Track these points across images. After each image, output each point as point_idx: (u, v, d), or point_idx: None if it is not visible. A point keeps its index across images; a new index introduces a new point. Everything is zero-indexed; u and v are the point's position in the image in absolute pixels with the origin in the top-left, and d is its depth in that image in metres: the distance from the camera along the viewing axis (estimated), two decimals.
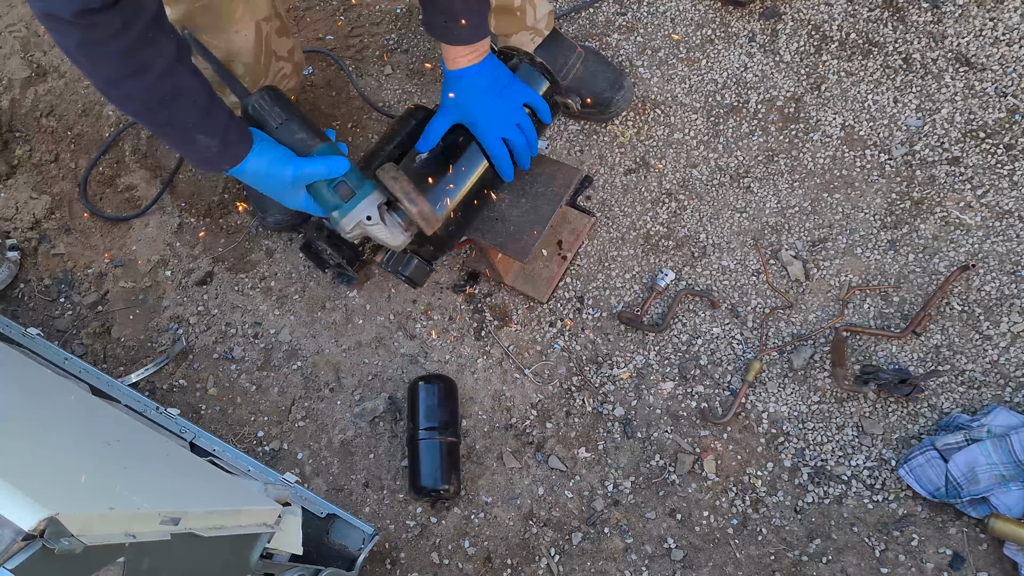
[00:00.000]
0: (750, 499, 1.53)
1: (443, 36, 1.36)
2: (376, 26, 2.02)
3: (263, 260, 1.83)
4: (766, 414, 1.58)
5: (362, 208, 1.27)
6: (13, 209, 1.91)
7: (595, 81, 1.77)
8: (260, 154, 1.26)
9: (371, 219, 1.27)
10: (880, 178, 1.72)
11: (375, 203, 1.28)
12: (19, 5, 2.13)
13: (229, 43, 1.47)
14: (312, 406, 1.70)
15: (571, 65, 1.76)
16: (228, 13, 1.42)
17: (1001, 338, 1.56)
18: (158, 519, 0.94)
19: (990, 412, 1.47)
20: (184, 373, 1.75)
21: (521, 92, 1.42)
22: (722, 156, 1.78)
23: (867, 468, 1.52)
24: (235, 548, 1.15)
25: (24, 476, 0.81)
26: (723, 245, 1.71)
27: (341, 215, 1.27)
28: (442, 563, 1.55)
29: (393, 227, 1.29)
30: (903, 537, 1.47)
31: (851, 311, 1.63)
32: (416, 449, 1.56)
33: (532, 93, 1.44)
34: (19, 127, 2.01)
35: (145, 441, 1.33)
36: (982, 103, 1.73)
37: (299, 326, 1.76)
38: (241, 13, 1.44)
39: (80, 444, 1.09)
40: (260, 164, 1.26)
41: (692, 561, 1.51)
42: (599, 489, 1.57)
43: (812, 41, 1.84)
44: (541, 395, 1.65)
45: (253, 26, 1.47)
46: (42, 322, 1.81)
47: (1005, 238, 1.63)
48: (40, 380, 1.37)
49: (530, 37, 1.70)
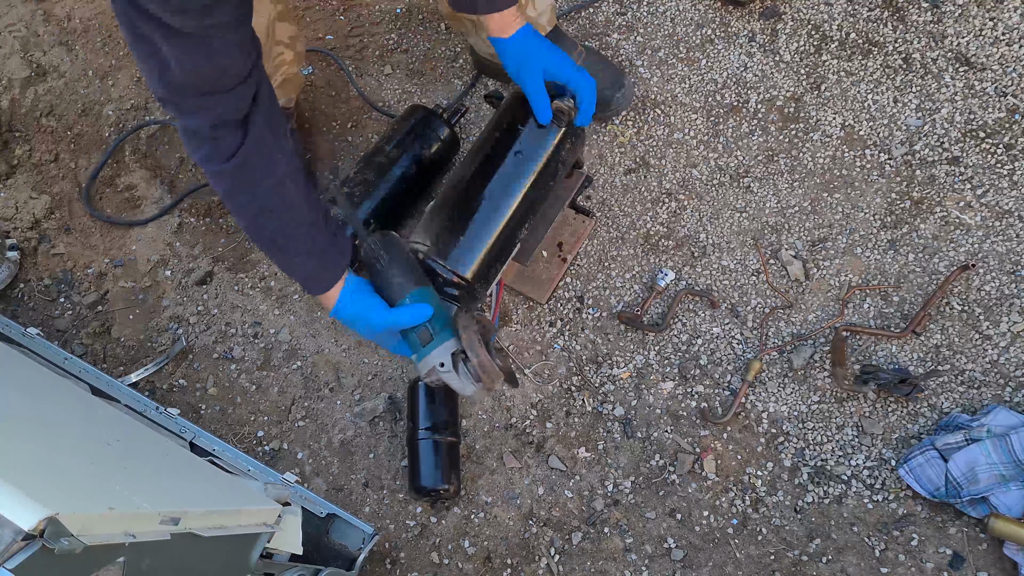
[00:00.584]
0: (750, 499, 1.53)
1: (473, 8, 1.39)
2: (376, 26, 2.02)
3: (263, 260, 1.83)
4: (766, 414, 1.58)
5: (436, 355, 1.27)
6: (13, 209, 1.91)
7: (596, 79, 1.77)
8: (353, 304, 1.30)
9: (444, 366, 1.27)
10: (880, 178, 1.72)
11: (449, 351, 1.28)
12: (19, 5, 2.13)
13: None
14: (312, 406, 1.70)
15: None
16: None
17: (1001, 338, 1.56)
18: (158, 519, 0.94)
19: (990, 412, 1.47)
20: (184, 373, 1.75)
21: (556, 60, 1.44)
22: (722, 156, 1.78)
23: (867, 468, 1.52)
24: (235, 548, 1.15)
25: (24, 476, 0.81)
26: (723, 245, 1.71)
27: (418, 360, 1.28)
28: (442, 563, 1.55)
29: (464, 377, 1.28)
30: (903, 537, 1.47)
31: (851, 311, 1.63)
32: (416, 449, 1.56)
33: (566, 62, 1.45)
34: (19, 127, 2.01)
35: (145, 441, 1.33)
36: (982, 103, 1.73)
37: (299, 326, 1.76)
38: None
39: (80, 444, 1.09)
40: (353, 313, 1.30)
41: (692, 561, 1.51)
42: (599, 489, 1.57)
43: (812, 41, 1.84)
44: (541, 395, 1.65)
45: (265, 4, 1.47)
46: (42, 322, 1.81)
47: (1005, 238, 1.63)
48: (40, 380, 1.37)
49: None
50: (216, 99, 1.08)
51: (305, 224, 1.23)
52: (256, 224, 1.22)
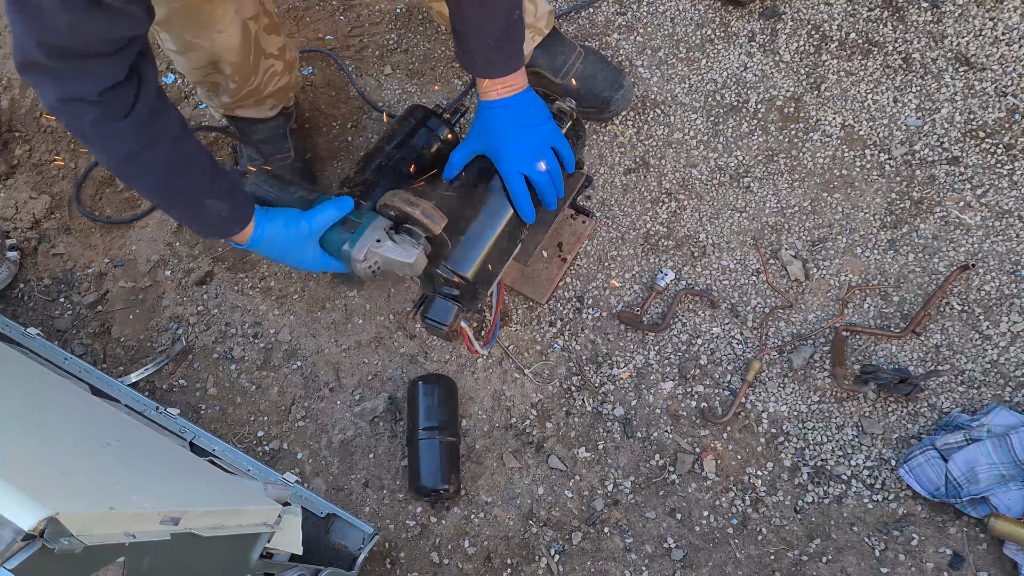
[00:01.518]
0: (750, 499, 1.53)
1: (472, 69, 1.37)
2: (376, 26, 2.02)
3: (263, 260, 1.83)
4: (766, 414, 1.58)
5: (369, 234, 1.28)
6: (13, 209, 1.91)
7: (594, 80, 1.77)
8: (272, 218, 1.29)
9: (380, 241, 1.28)
10: (880, 178, 1.72)
11: (380, 227, 1.29)
12: None
13: (213, 43, 1.46)
14: (312, 406, 1.70)
15: (571, 64, 1.76)
16: (208, 13, 1.42)
17: (1001, 338, 1.56)
18: (158, 519, 0.94)
19: (990, 412, 1.47)
20: (184, 373, 1.75)
21: (551, 133, 1.40)
22: (722, 156, 1.78)
23: (867, 468, 1.52)
24: (235, 548, 1.15)
25: (24, 476, 0.81)
26: (723, 245, 1.71)
27: (351, 246, 1.28)
28: (442, 563, 1.55)
29: (404, 243, 1.29)
30: (903, 537, 1.47)
31: (851, 311, 1.63)
32: (416, 449, 1.56)
33: (562, 138, 1.42)
34: (19, 127, 2.01)
35: (145, 441, 1.33)
36: (982, 103, 1.73)
37: (299, 326, 1.76)
38: (223, 12, 1.43)
39: (80, 444, 1.09)
40: (276, 227, 1.29)
41: (692, 561, 1.51)
42: (599, 489, 1.57)
43: (812, 41, 1.84)
44: (541, 395, 1.65)
45: (239, 25, 1.46)
46: (42, 322, 1.81)
47: (1005, 238, 1.63)
48: (40, 380, 1.37)
49: (530, 35, 1.70)
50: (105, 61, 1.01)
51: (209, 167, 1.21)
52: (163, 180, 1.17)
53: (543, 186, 1.41)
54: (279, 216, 1.30)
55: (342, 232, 1.29)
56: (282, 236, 1.30)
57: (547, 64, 1.75)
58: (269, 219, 1.29)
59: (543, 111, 1.40)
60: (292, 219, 1.30)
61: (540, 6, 1.68)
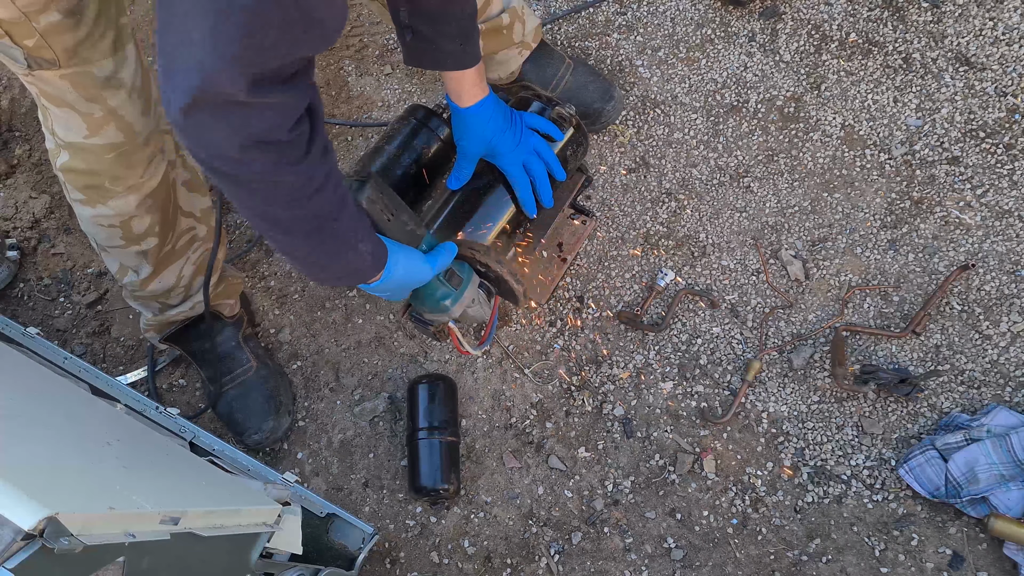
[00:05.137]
0: (750, 499, 1.53)
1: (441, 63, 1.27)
2: (376, 25, 2.02)
3: (263, 260, 1.83)
4: (766, 414, 1.58)
5: (468, 293, 1.25)
6: (13, 209, 1.91)
7: (584, 92, 1.76)
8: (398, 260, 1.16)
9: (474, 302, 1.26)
10: (880, 178, 1.72)
11: (476, 286, 1.27)
12: None
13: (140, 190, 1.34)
14: (312, 406, 1.70)
15: (560, 77, 1.75)
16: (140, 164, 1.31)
17: (1001, 338, 1.56)
18: (158, 519, 0.94)
19: (990, 412, 1.47)
20: (184, 373, 1.75)
21: (531, 119, 1.38)
22: (722, 156, 1.78)
23: (867, 468, 1.52)
24: (235, 548, 1.14)
25: (24, 476, 0.81)
26: (723, 245, 1.71)
27: (452, 303, 1.23)
28: (442, 563, 1.55)
29: (484, 304, 1.29)
30: (903, 537, 1.47)
31: (851, 311, 1.63)
32: (415, 449, 1.56)
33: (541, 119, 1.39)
34: (19, 127, 2.01)
35: (145, 441, 1.33)
36: (982, 103, 1.73)
37: (299, 326, 1.76)
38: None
39: (80, 444, 1.09)
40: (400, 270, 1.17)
41: (692, 561, 1.51)
42: (599, 489, 1.57)
43: (812, 41, 1.84)
44: (541, 395, 1.65)
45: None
46: (41, 321, 1.81)
47: (1005, 238, 1.63)
48: (40, 380, 1.37)
49: (518, 51, 1.69)
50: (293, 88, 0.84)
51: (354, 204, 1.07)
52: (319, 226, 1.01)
53: (541, 177, 1.37)
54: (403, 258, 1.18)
55: (444, 285, 1.24)
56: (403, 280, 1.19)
57: (536, 77, 1.74)
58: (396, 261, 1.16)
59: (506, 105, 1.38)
60: (416, 264, 1.19)
61: (528, 22, 1.67)
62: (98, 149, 1.25)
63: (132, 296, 1.56)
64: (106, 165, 1.28)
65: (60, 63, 1.11)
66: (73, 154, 1.26)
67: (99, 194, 1.33)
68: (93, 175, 1.30)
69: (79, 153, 1.26)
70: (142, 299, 1.55)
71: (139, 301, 1.57)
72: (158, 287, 1.51)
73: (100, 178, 1.30)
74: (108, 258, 1.48)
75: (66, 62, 1.12)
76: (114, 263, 1.48)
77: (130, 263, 1.47)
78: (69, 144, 1.25)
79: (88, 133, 1.22)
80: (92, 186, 1.32)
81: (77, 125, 1.21)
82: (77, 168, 1.28)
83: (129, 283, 1.50)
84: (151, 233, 1.42)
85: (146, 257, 1.45)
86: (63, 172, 1.31)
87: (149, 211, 1.38)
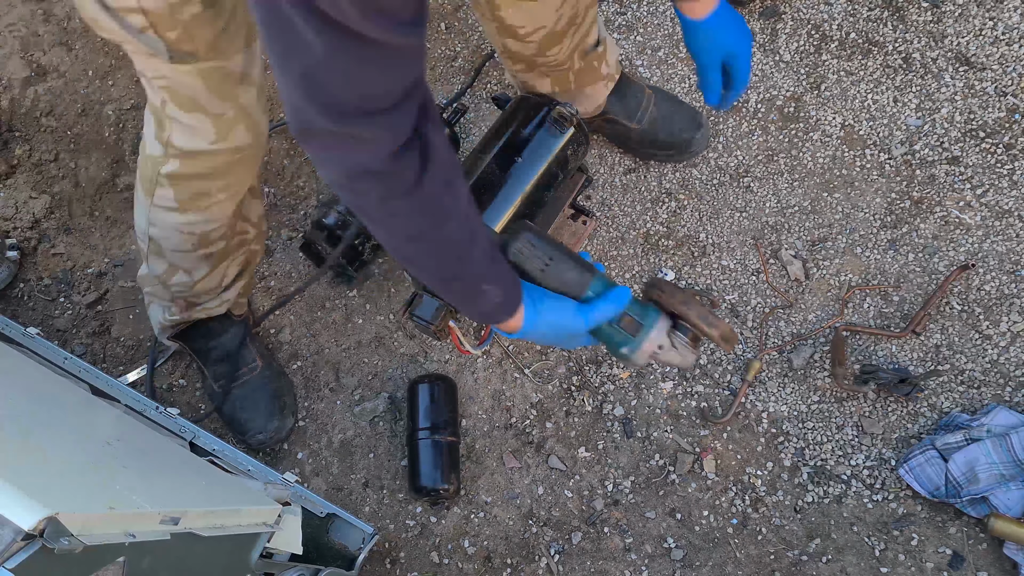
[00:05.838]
0: (750, 499, 1.53)
1: None
2: None
3: (263, 260, 1.83)
4: (766, 414, 1.58)
5: (653, 339, 1.15)
6: (13, 209, 1.91)
7: (672, 122, 1.70)
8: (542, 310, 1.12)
9: (663, 347, 1.17)
10: (880, 177, 1.72)
11: (663, 331, 1.16)
12: (19, 5, 2.13)
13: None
14: (312, 406, 1.70)
15: (644, 108, 1.69)
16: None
17: (1001, 337, 1.56)
18: (158, 519, 0.94)
19: (990, 411, 1.47)
20: (184, 373, 1.75)
21: None
22: (722, 155, 1.78)
23: (867, 468, 1.52)
24: (235, 548, 1.15)
25: (24, 476, 0.81)
26: (723, 244, 1.71)
27: (632, 351, 1.16)
28: (442, 563, 1.55)
29: (683, 349, 1.18)
30: (903, 537, 1.47)
31: (851, 310, 1.63)
32: (415, 449, 1.56)
33: None
34: (19, 127, 2.01)
35: (145, 441, 1.33)
36: (982, 103, 1.73)
37: (299, 326, 1.76)
38: None
39: (80, 444, 1.09)
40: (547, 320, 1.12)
41: (692, 561, 1.51)
42: (599, 489, 1.57)
43: (812, 40, 1.84)
44: (541, 395, 1.65)
45: None
46: (42, 322, 1.81)
47: (1005, 237, 1.63)
48: (40, 380, 1.37)
49: (604, 84, 1.64)
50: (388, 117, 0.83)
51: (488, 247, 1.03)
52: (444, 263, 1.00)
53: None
54: (550, 307, 1.12)
55: (620, 331, 1.16)
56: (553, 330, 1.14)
57: (620, 111, 1.68)
58: (539, 311, 1.12)
59: None
60: (567, 314, 1.13)
61: (611, 54, 1.61)
62: (222, 155, 1.24)
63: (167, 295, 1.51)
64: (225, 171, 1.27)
65: (199, 56, 1.09)
66: (186, 161, 1.24)
67: (201, 202, 1.31)
68: (205, 181, 1.28)
69: (197, 160, 1.24)
70: (184, 297, 1.52)
71: (170, 301, 1.53)
72: (203, 287, 1.50)
73: (212, 184, 1.29)
74: (157, 260, 1.44)
75: (205, 55, 1.10)
76: (162, 264, 1.44)
77: (186, 265, 1.44)
78: (187, 152, 1.22)
79: (215, 138, 1.21)
80: (200, 194, 1.30)
81: (205, 130, 1.19)
82: (188, 174, 1.26)
83: (178, 283, 1.47)
84: (224, 238, 1.42)
85: (208, 260, 1.44)
86: (168, 179, 1.27)
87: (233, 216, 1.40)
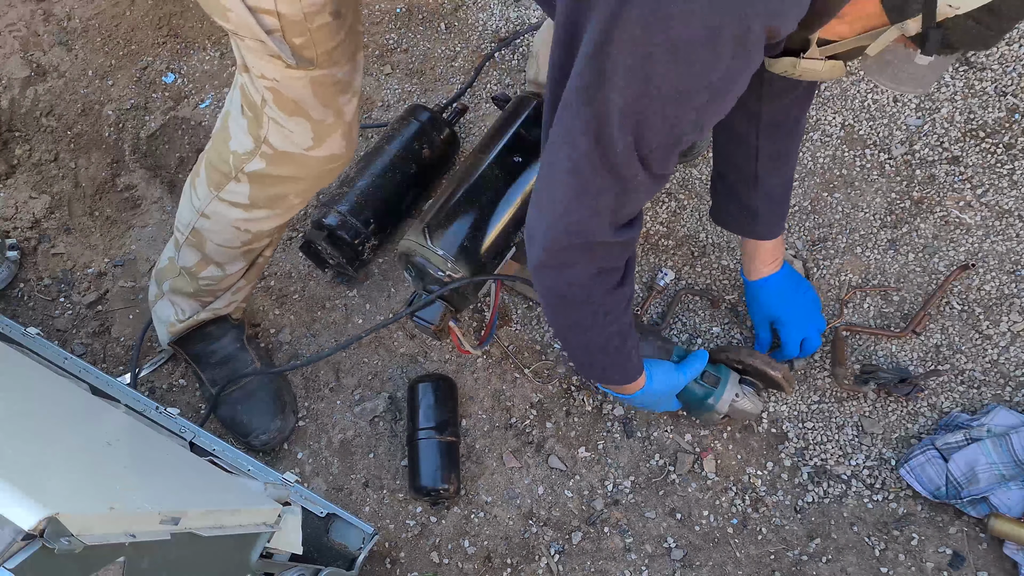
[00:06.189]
0: (750, 499, 1.53)
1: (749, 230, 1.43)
2: (376, 25, 2.02)
3: None
4: (766, 414, 1.58)
5: (729, 390, 1.43)
6: (13, 209, 1.91)
7: None
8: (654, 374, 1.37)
9: (738, 396, 1.43)
10: (880, 177, 1.72)
11: (736, 382, 1.44)
12: (19, 5, 2.13)
13: None
14: (312, 406, 1.70)
15: None
16: None
17: (1001, 337, 1.56)
18: (158, 519, 0.94)
19: (990, 411, 1.47)
20: (184, 372, 1.75)
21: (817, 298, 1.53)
22: None
23: (867, 467, 1.52)
24: (235, 548, 1.15)
25: (24, 476, 0.81)
26: (723, 244, 1.71)
27: (716, 400, 1.43)
28: (442, 562, 1.55)
29: (752, 398, 1.45)
30: (903, 536, 1.47)
31: (851, 310, 1.63)
32: (415, 448, 1.56)
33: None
34: (19, 127, 2.01)
35: (145, 441, 1.33)
36: (982, 103, 1.73)
37: (299, 326, 1.76)
38: None
39: (80, 444, 1.09)
40: (658, 381, 1.37)
41: (692, 560, 1.51)
42: (599, 489, 1.57)
43: None
44: (541, 395, 1.65)
45: None
46: (41, 322, 1.81)
47: (1005, 237, 1.63)
48: (40, 380, 1.37)
49: None
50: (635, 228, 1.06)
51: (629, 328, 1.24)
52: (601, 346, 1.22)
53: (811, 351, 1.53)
54: (658, 371, 1.38)
55: (703, 386, 1.43)
56: (660, 390, 1.38)
57: None
58: (652, 375, 1.36)
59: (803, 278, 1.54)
60: (670, 374, 1.39)
61: None
62: (313, 162, 1.24)
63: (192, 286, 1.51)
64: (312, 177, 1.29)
65: (316, 63, 1.10)
66: (275, 162, 1.24)
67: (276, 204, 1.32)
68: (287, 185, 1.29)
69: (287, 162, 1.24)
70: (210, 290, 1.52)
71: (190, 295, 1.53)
72: (229, 283, 1.52)
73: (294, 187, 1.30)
74: (191, 252, 1.44)
75: (320, 63, 1.11)
76: (195, 256, 1.44)
77: (223, 260, 1.44)
78: (280, 153, 1.22)
79: (312, 144, 1.21)
80: (278, 196, 1.30)
81: (303, 135, 1.20)
82: (273, 175, 1.26)
83: (208, 276, 1.47)
84: (271, 238, 1.45)
85: (247, 257, 1.46)
86: (249, 177, 1.27)
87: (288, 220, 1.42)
